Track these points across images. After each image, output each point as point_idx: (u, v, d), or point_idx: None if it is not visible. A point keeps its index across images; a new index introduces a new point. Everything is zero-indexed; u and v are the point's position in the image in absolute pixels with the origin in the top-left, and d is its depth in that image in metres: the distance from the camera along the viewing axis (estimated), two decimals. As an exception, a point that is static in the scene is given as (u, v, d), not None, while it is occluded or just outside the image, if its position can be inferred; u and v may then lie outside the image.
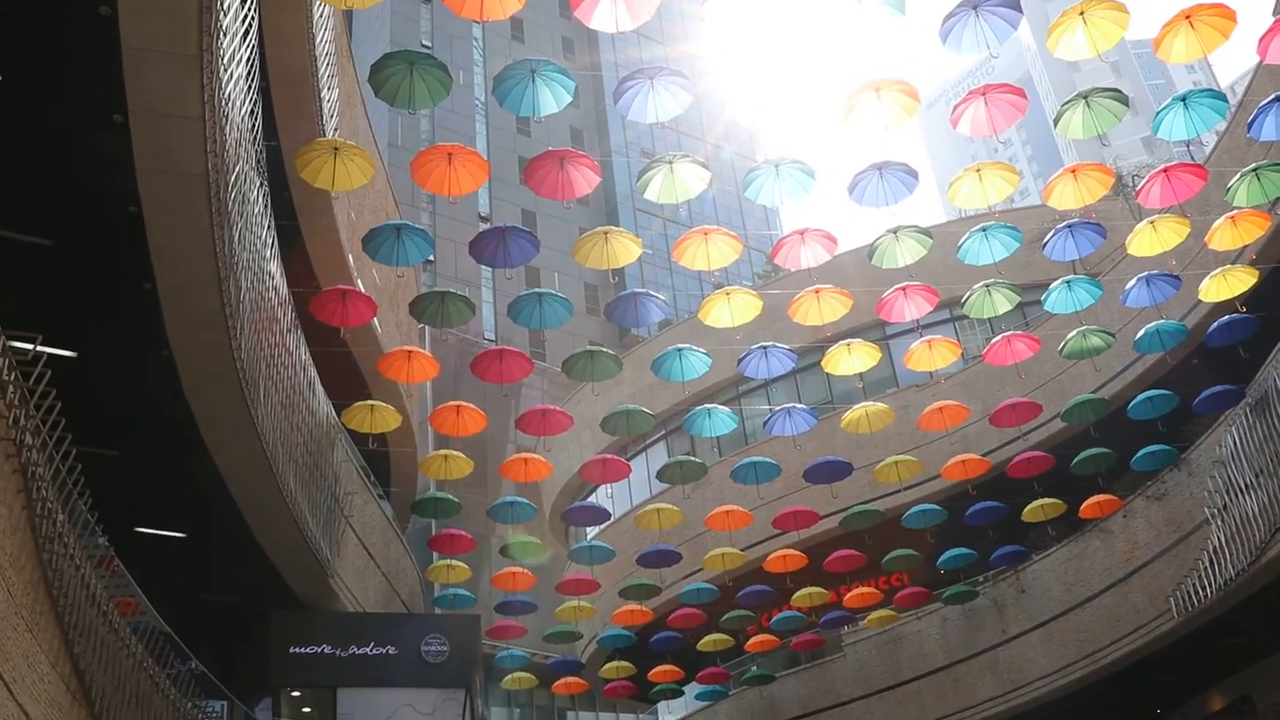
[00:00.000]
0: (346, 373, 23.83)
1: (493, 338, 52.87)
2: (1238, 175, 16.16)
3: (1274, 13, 19.41)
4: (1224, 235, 16.98)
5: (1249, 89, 22.10)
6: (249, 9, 14.29)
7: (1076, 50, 13.80)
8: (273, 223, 17.84)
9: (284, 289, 18.90)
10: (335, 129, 20.34)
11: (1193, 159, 17.79)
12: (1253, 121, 15.32)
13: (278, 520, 19.19)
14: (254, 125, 15.63)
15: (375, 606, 26.66)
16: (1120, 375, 25.50)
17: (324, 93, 19.49)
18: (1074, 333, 19.69)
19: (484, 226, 28.69)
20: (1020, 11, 13.54)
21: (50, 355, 11.17)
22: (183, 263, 14.07)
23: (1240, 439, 20.07)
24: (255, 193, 16.22)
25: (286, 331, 19.04)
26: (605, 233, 15.93)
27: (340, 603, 23.78)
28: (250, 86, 14.98)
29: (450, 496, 22.71)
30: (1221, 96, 15.37)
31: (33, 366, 10.73)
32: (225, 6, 12.70)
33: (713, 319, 17.52)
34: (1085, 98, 14.80)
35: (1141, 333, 19.84)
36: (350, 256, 22.57)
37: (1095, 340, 19.71)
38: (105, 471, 13.43)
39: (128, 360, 16.14)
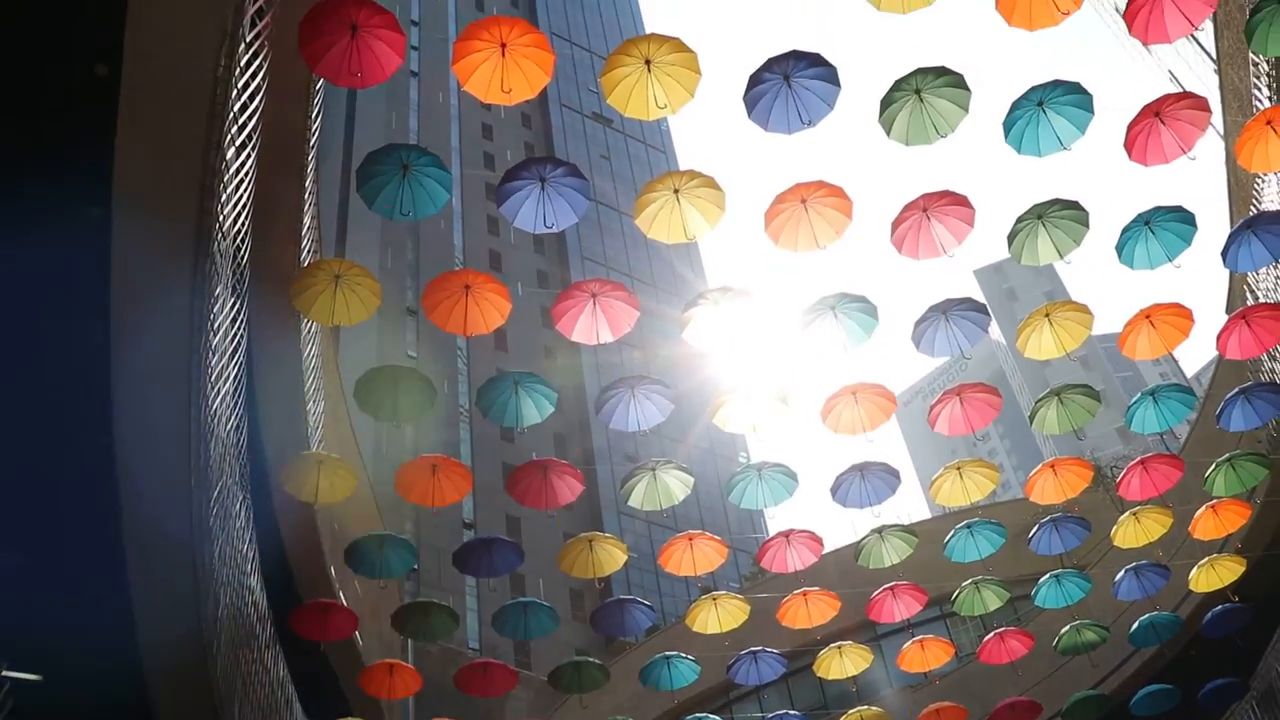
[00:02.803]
0: (326, 687, 23.09)
1: (477, 647, 51.50)
2: (1214, 465, 16.38)
3: (1227, 310, 20.21)
4: (1207, 525, 17.09)
5: (1214, 381, 22.68)
6: (239, 329, 14.66)
7: (1045, 350, 14.26)
8: (254, 536, 17.70)
9: (264, 603, 18.56)
10: (320, 442, 20.52)
11: (1167, 448, 18.12)
12: (1221, 413, 15.66)
13: None
14: (239, 440, 15.74)
15: None
16: (1118, 670, 24.91)
17: (309, 405, 19.78)
18: (1067, 628, 19.46)
19: (468, 534, 28.60)
20: (989, 315, 14.05)
21: (15, 681, 10.82)
22: (160, 581, 13.83)
23: (1250, 736, 19.49)
24: (238, 506, 16.17)
25: (265, 648, 18.58)
26: (590, 540, 15.93)
27: None
28: (236, 403, 15.18)
29: (432, 820, 21.65)
30: (1189, 390, 15.77)
31: (-3, 697, 10.38)
32: (215, 327, 13.03)
33: (700, 625, 17.33)
34: (1058, 395, 15.17)
35: (1136, 625, 19.56)
36: (332, 569, 22.30)
37: (1090, 635, 19.47)
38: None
39: (98, 681, 15.61)
